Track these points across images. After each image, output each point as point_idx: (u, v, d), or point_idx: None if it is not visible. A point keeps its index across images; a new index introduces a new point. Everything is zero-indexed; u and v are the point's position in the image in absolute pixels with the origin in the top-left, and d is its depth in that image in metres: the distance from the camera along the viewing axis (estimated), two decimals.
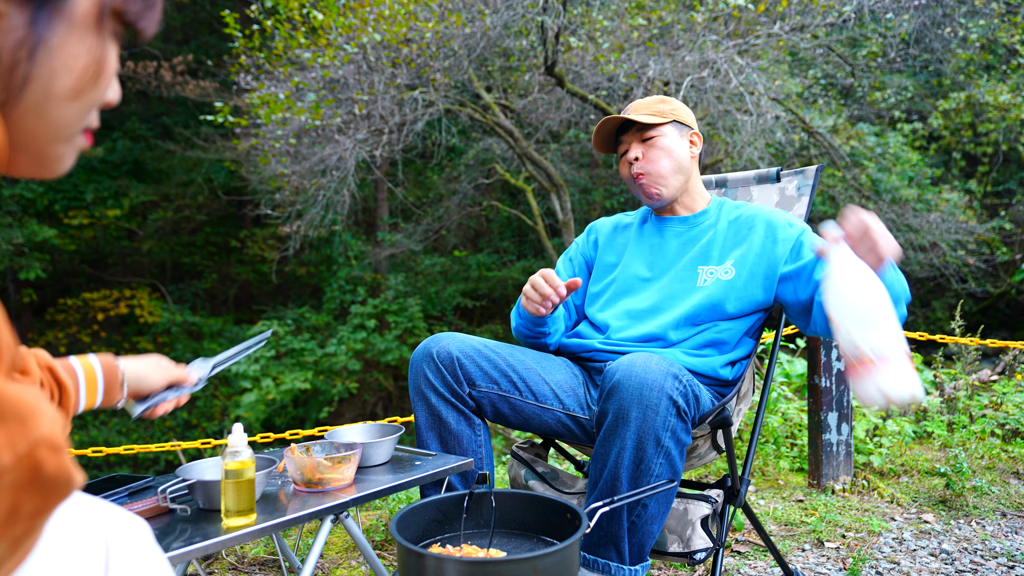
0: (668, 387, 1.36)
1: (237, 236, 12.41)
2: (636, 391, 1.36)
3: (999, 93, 8.31)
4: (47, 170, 0.61)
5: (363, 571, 2.15)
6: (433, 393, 1.62)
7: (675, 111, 1.84)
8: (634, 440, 1.36)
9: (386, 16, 5.90)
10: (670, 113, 1.82)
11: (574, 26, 6.59)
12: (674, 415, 1.37)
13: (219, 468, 1.33)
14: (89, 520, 0.63)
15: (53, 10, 0.55)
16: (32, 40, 0.54)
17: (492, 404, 1.64)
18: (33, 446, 0.44)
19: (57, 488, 0.46)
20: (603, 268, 1.93)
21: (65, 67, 0.57)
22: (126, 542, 0.64)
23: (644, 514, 1.44)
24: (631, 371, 1.37)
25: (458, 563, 1.06)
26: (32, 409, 0.45)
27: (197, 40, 12.81)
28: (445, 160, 10.48)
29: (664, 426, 1.36)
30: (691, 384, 1.43)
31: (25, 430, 0.44)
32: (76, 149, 0.63)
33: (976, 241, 9.73)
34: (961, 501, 2.70)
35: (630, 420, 1.36)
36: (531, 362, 1.70)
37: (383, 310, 9.69)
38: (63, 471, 0.46)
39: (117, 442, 9.69)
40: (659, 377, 1.36)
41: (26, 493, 0.44)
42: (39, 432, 0.45)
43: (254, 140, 7.22)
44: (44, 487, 0.45)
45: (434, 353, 1.63)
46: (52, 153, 0.60)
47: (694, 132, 1.86)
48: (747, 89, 6.16)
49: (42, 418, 0.45)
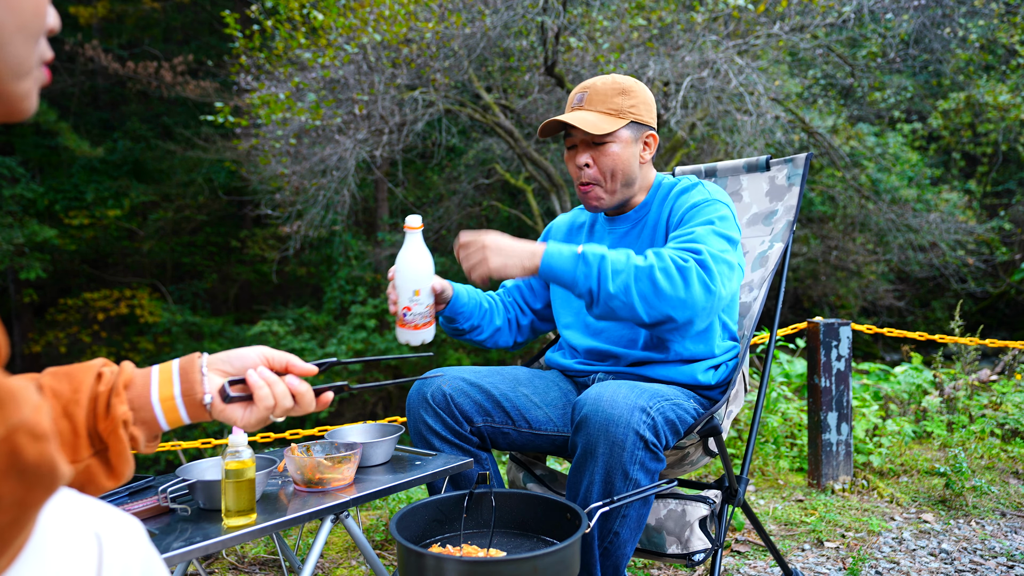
0: (635, 422, 1.35)
1: (237, 236, 12.41)
2: (602, 427, 1.36)
3: (999, 93, 8.31)
4: (16, 110, 0.61)
5: (363, 571, 2.15)
6: (435, 437, 1.62)
7: (634, 107, 1.66)
8: (602, 474, 1.37)
9: (386, 16, 5.90)
10: (628, 111, 1.65)
11: (574, 26, 6.59)
12: (641, 448, 1.37)
13: (219, 468, 1.33)
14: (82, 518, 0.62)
15: None
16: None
17: (490, 437, 1.66)
18: (11, 431, 0.43)
19: (39, 477, 0.46)
20: None
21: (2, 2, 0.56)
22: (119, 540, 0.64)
23: (616, 540, 1.44)
24: (598, 406, 1.37)
25: (458, 563, 1.06)
26: (12, 394, 0.44)
27: (197, 40, 12.82)
28: (445, 160, 10.48)
29: (631, 460, 1.36)
30: (662, 412, 1.42)
31: (3, 414, 0.43)
32: (38, 84, 0.62)
33: (976, 241, 9.74)
34: (961, 501, 2.71)
35: (597, 456, 1.37)
36: (524, 386, 1.70)
37: (383, 310, 9.69)
38: (44, 460, 0.45)
39: None
40: (625, 412, 1.35)
41: (6, 481, 0.44)
42: (18, 417, 0.44)
43: (254, 140, 7.23)
44: (24, 475, 0.45)
45: (428, 396, 1.62)
46: (15, 91, 0.60)
47: (651, 133, 1.71)
48: (747, 89, 6.16)
49: (23, 404, 0.44)
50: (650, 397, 1.42)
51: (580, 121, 1.61)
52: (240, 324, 11.81)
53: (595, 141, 1.64)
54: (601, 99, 1.66)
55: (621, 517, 1.43)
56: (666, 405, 1.45)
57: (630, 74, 6.32)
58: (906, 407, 3.86)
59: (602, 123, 1.63)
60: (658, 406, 1.42)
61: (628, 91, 1.66)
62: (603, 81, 1.67)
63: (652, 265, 1.41)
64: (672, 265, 1.41)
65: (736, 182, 2.06)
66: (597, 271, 1.40)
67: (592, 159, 1.66)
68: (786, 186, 1.97)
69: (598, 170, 1.66)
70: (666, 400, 1.46)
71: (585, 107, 1.67)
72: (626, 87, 1.67)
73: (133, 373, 0.83)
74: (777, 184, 1.99)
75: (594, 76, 2.06)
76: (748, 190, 2.03)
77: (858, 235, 9.94)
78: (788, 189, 1.96)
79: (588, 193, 1.69)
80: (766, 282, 1.83)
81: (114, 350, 11.43)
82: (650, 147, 1.72)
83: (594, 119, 1.63)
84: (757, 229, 1.97)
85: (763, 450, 3.17)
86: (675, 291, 1.39)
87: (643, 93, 1.69)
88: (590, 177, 1.67)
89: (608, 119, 1.64)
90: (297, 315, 10.43)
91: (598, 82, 1.68)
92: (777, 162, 2.01)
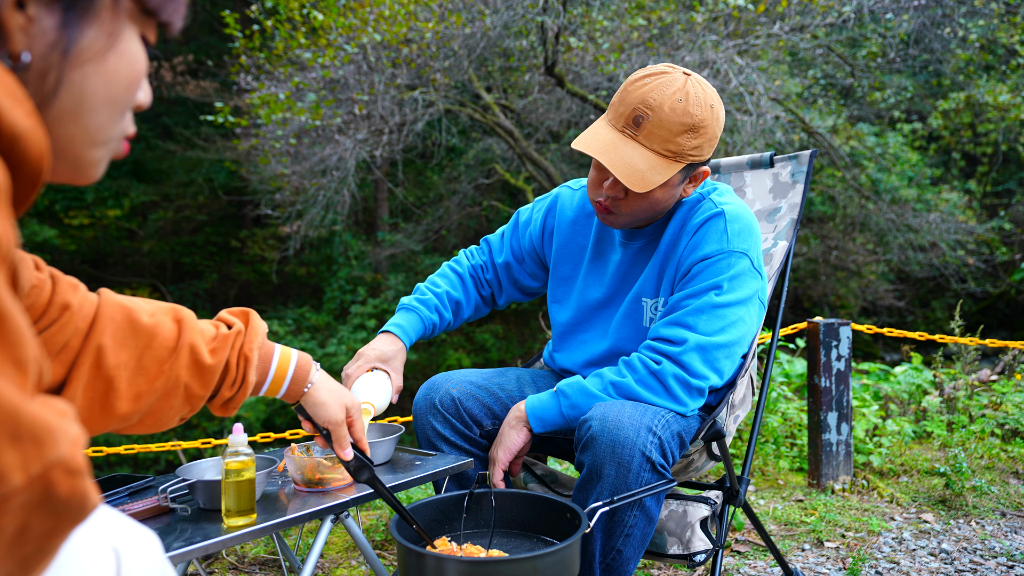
0: (641, 443, 1.32)
1: (237, 236, 12.41)
2: (609, 448, 1.33)
3: (999, 93, 8.31)
4: (83, 176, 0.61)
5: (363, 571, 2.15)
6: (444, 443, 1.60)
7: (698, 149, 1.38)
8: (608, 496, 1.34)
9: (386, 16, 5.90)
10: (691, 154, 1.38)
11: (574, 26, 6.59)
12: (648, 470, 1.33)
13: (219, 468, 1.33)
14: (100, 533, 0.62)
15: (83, 10, 0.54)
16: (64, 42, 0.53)
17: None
18: (47, 468, 0.43)
19: (70, 511, 0.45)
20: (559, 280, 1.73)
21: (97, 69, 0.56)
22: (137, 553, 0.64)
23: (619, 558, 1.42)
24: (604, 426, 1.33)
25: (458, 563, 1.06)
26: (51, 430, 0.44)
27: (197, 40, 12.81)
28: (445, 160, 10.48)
29: (637, 482, 1.33)
30: (668, 428, 1.38)
31: (41, 452, 0.43)
32: (111, 154, 0.63)
33: (976, 241, 9.74)
34: (961, 501, 2.71)
35: (604, 476, 1.34)
36: (529, 387, 1.69)
37: (383, 310, 9.69)
38: (77, 495, 0.45)
39: (117, 442, 9.69)
40: (632, 434, 1.32)
41: (36, 515, 0.43)
42: (55, 454, 0.43)
43: (254, 140, 7.23)
44: (56, 509, 0.44)
45: (436, 401, 1.59)
46: (88, 158, 0.60)
47: (705, 170, 1.49)
48: (747, 89, 6.16)
49: (60, 439, 0.44)
50: (654, 414, 1.38)
51: (625, 169, 1.35)
52: None
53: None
54: (664, 134, 1.36)
55: (625, 536, 1.40)
56: (671, 418, 1.41)
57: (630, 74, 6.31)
58: (906, 407, 3.85)
59: (653, 173, 1.36)
60: (664, 422, 1.38)
61: (698, 128, 1.37)
62: (672, 107, 1.35)
63: (627, 381, 1.42)
64: (645, 371, 1.42)
65: (740, 178, 2.05)
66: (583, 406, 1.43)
67: (622, 192, 1.44)
68: (790, 183, 1.95)
69: (623, 203, 1.46)
70: (671, 413, 1.43)
71: (640, 139, 1.37)
72: (698, 122, 1.36)
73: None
74: (781, 181, 1.97)
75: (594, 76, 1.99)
76: (752, 186, 2.02)
77: (858, 235, 9.94)
78: (792, 186, 1.95)
79: (606, 216, 1.51)
80: (771, 281, 1.81)
81: None
82: (697, 181, 1.50)
83: (644, 166, 1.36)
84: (760, 226, 1.95)
85: (763, 450, 3.17)
86: (658, 397, 1.41)
87: (714, 127, 1.40)
88: (616, 207, 1.47)
89: (662, 164, 1.37)
90: (297, 315, 10.43)
91: (666, 105, 1.35)
92: (781, 159, 1.99)
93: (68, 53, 0.54)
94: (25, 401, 0.43)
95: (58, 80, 0.54)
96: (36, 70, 0.53)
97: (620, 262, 1.62)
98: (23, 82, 0.52)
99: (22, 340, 0.44)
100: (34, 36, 0.52)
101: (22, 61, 0.51)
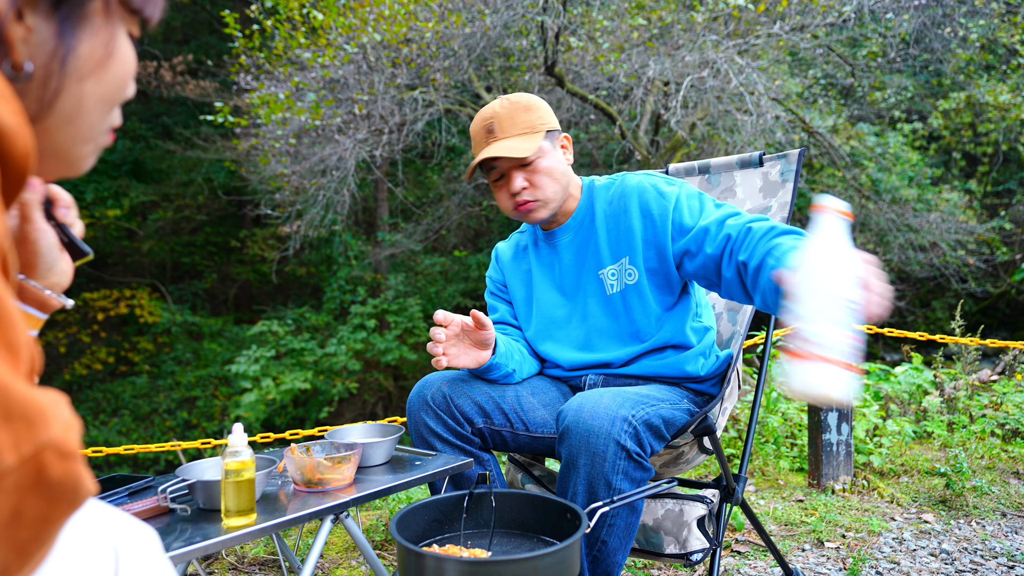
0: (616, 432, 1.35)
1: (237, 236, 12.41)
2: (583, 438, 1.36)
3: (999, 93, 8.31)
4: (72, 170, 0.63)
5: (363, 571, 2.15)
6: (436, 439, 1.60)
7: (542, 118, 1.66)
8: (585, 485, 1.37)
9: (386, 16, 5.90)
10: (540, 124, 1.65)
11: (574, 26, 6.59)
12: (623, 458, 1.36)
13: (219, 468, 1.33)
14: (98, 527, 0.62)
15: (77, 17, 0.56)
16: (63, 50, 0.55)
17: (491, 438, 1.65)
18: (39, 449, 0.43)
19: (64, 495, 0.46)
20: (520, 302, 1.84)
21: (92, 72, 0.58)
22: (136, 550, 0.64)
23: (604, 548, 1.44)
24: (578, 417, 1.37)
25: (458, 563, 1.06)
26: (43, 412, 0.44)
27: (197, 40, 12.82)
28: (445, 160, 10.48)
29: (613, 470, 1.36)
30: (646, 419, 1.40)
31: (33, 433, 0.43)
32: (100, 148, 0.64)
33: (976, 241, 9.73)
34: (961, 501, 2.70)
35: (579, 467, 1.37)
36: (523, 387, 1.69)
37: (383, 310, 9.69)
38: (70, 478, 0.45)
39: (117, 442, 9.70)
40: (605, 423, 1.35)
41: (29, 497, 0.44)
42: (47, 436, 0.44)
43: (254, 140, 7.23)
44: (49, 493, 0.45)
45: (428, 398, 1.60)
46: (79, 154, 0.62)
47: (564, 136, 1.72)
48: (747, 89, 6.16)
49: (53, 422, 0.44)
50: (633, 404, 1.40)
51: (506, 150, 1.60)
52: (240, 324, 11.81)
53: (524, 163, 1.62)
54: (510, 123, 1.64)
55: (608, 526, 1.42)
56: (651, 411, 1.43)
57: (630, 74, 6.33)
58: (906, 407, 3.85)
59: (524, 144, 1.61)
60: (642, 413, 1.40)
61: (529, 106, 1.66)
62: (502, 106, 1.66)
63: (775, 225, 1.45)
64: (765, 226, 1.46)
65: (730, 178, 2.06)
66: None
67: (527, 180, 1.64)
68: (779, 182, 1.95)
69: (534, 188, 1.65)
70: (652, 405, 1.45)
71: (498, 136, 1.64)
72: (525, 103, 1.66)
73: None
74: (770, 180, 1.98)
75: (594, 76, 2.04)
76: (741, 186, 2.02)
77: (858, 235, 9.93)
78: (782, 185, 1.95)
79: (528, 211, 1.67)
80: None
81: (113, 350, 11.44)
82: (567, 149, 1.73)
83: (515, 144, 1.61)
84: None
85: (763, 450, 3.17)
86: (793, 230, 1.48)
87: (540, 103, 1.70)
88: (529, 196, 1.65)
89: (527, 138, 1.63)
90: (297, 315, 10.43)
91: (498, 108, 1.66)
92: (770, 158, 2.00)
93: (67, 60, 0.56)
94: (17, 382, 0.43)
95: (59, 87, 0.56)
96: (38, 79, 0.55)
97: (563, 257, 1.75)
98: (25, 91, 0.54)
99: (14, 325, 0.45)
100: (35, 46, 0.54)
101: (25, 71, 0.53)
